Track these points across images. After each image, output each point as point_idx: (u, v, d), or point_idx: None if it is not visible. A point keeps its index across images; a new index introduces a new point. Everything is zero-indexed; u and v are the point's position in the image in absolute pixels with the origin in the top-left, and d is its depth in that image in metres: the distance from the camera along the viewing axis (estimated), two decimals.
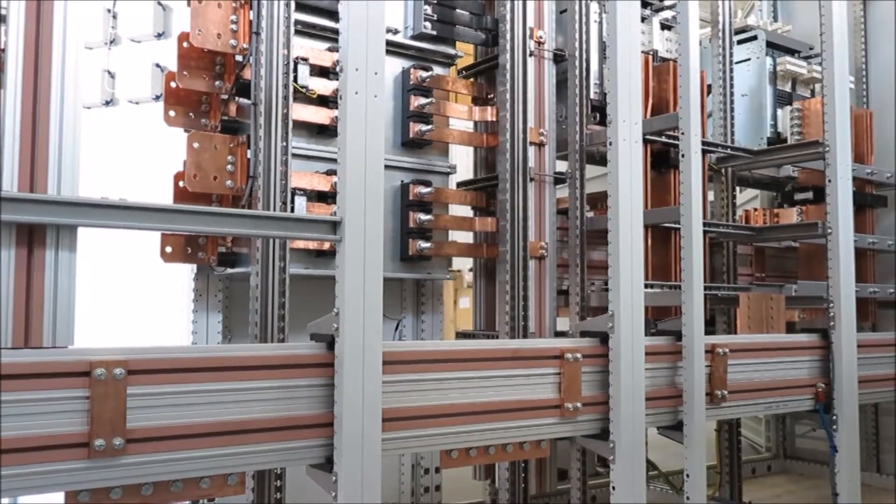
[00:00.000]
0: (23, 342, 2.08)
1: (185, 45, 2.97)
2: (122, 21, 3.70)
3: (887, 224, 4.77)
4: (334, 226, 2.36)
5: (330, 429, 2.34)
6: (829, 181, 3.83)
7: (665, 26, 4.25)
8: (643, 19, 4.06)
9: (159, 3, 3.61)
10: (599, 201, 4.05)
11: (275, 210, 2.89)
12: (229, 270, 3.12)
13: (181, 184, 2.96)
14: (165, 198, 3.01)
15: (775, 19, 5.62)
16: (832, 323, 3.77)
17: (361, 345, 2.31)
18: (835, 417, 3.74)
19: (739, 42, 4.75)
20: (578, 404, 2.94)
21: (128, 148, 3.62)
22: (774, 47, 4.80)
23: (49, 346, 2.11)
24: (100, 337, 3.20)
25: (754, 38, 4.75)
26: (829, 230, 3.80)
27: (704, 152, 3.67)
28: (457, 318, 7.61)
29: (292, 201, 3.02)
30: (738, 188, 4.73)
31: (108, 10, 3.69)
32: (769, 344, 3.67)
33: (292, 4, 2.97)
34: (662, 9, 4.24)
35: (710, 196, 4.46)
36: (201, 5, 2.92)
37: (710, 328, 4.33)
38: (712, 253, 4.30)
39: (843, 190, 3.81)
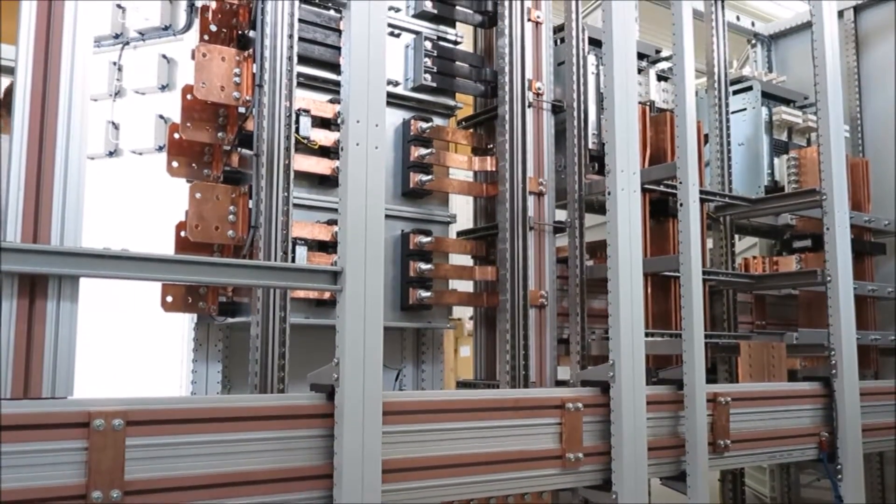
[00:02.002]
0: (22, 393, 2.07)
1: (188, 97, 3.02)
2: (128, 73, 3.77)
3: (886, 271, 4.79)
4: (335, 276, 2.37)
5: (330, 480, 2.32)
6: (828, 229, 3.85)
7: (661, 77, 4.31)
8: (640, 71, 4.12)
9: (164, 57, 3.67)
10: (599, 250, 4.06)
11: (276, 260, 2.90)
12: (230, 320, 3.12)
13: (183, 233, 2.98)
14: (167, 247, 3.03)
15: (770, 70, 5.70)
16: (834, 371, 3.76)
17: (361, 395, 2.30)
18: (839, 467, 3.70)
19: (735, 92, 4.82)
20: (580, 454, 2.91)
21: (130, 198, 3.65)
22: (770, 97, 4.87)
23: (48, 397, 2.10)
24: (99, 386, 3.19)
25: (750, 88, 4.82)
26: (829, 278, 3.81)
27: (703, 201, 3.70)
28: (457, 367, 7.57)
29: (293, 251, 3.03)
30: (736, 236, 4.76)
31: (114, 63, 3.76)
32: (771, 392, 3.65)
33: (295, 58, 3.02)
34: (658, 60, 4.31)
35: (710, 244, 4.48)
36: (205, 59, 2.97)
37: (712, 376, 4.31)
38: (712, 301, 4.30)
39: (841, 238, 3.83)
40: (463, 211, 4.20)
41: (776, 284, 4.47)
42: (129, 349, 3.57)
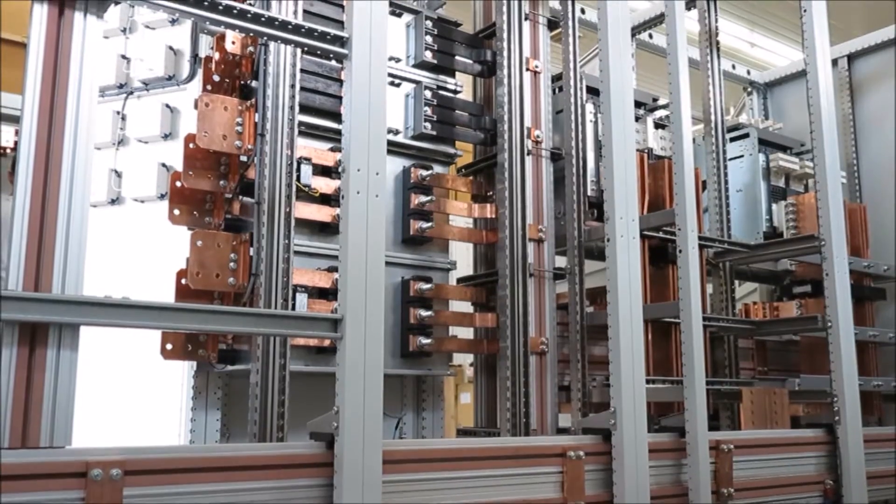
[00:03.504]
0: (20, 441, 2.06)
1: (191, 146, 3.05)
2: (131, 122, 3.81)
3: (887, 316, 4.78)
4: (335, 323, 2.37)
5: None
6: (827, 274, 3.86)
7: (659, 125, 4.36)
8: (637, 119, 4.17)
9: (167, 106, 3.72)
10: (599, 296, 4.06)
11: (276, 307, 2.90)
12: (229, 367, 3.11)
13: (183, 281, 2.99)
14: (168, 295, 3.03)
15: (766, 117, 5.77)
16: (837, 417, 3.73)
17: (361, 444, 2.28)
18: None
19: (732, 139, 4.86)
20: (582, 503, 2.88)
21: (132, 245, 3.66)
22: (766, 144, 4.92)
23: (46, 446, 2.09)
24: (98, 434, 3.17)
25: (746, 135, 4.87)
26: (829, 323, 3.81)
27: (702, 247, 3.71)
28: (458, 414, 7.52)
29: (293, 298, 3.04)
30: (736, 282, 4.76)
31: (118, 112, 3.81)
32: (775, 440, 3.62)
33: (296, 107, 3.05)
34: (656, 108, 4.36)
35: (710, 289, 4.48)
36: (208, 108, 3.01)
37: (714, 423, 4.27)
38: (713, 347, 4.29)
39: (840, 283, 3.84)
40: (463, 257, 4.21)
41: (777, 330, 4.46)
42: (127, 396, 3.55)
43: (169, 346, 2.99)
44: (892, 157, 5.02)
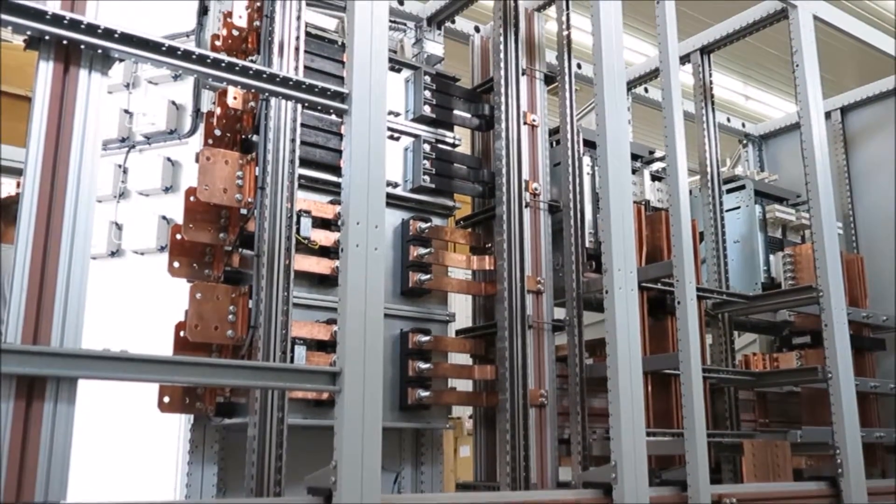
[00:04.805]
0: (14, 496, 2.03)
1: (192, 199, 3.07)
2: (132, 175, 3.84)
3: (887, 367, 4.76)
4: (334, 377, 2.36)
5: None
6: (826, 325, 3.86)
7: (656, 177, 4.40)
8: (634, 171, 4.22)
9: (168, 160, 3.75)
10: (598, 348, 4.05)
11: (275, 360, 2.89)
12: (226, 421, 3.09)
13: (182, 333, 2.98)
14: (166, 347, 3.02)
15: (762, 169, 5.83)
16: (840, 470, 3.69)
17: (360, 499, 2.26)
18: None
19: (728, 191, 4.91)
20: None
21: (131, 298, 3.66)
22: (763, 195, 4.96)
23: (41, 502, 2.06)
24: (93, 488, 3.13)
25: (742, 187, 4.92)
26: (830, 375, 3.79)
27: (700, 298, 3.72)
28: (457, 468, 7.43)
29: (292, 350, 3.03)
30: (736, 332, 4.76)
31: (119, 166, 3.84)
32: (777, 493, 3.58)
33: (297, 161, 3.08)
34: (652, 161, 4.41)
35: (709, 340, 4.47)
36: (209, 162, 3.04)
37: (716, 476, 4.23)
38: (714, 399, 4.27)
39: (839, 334, 3.83)
40: (462, 309, 4.22)
41: (777, 381, 4.45)
42: (124, 449, 3.51)
43: (166, 399, 2.97)
44: (887, 208, 5.06)
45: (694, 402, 3.24)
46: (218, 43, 3.28)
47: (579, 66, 4.70)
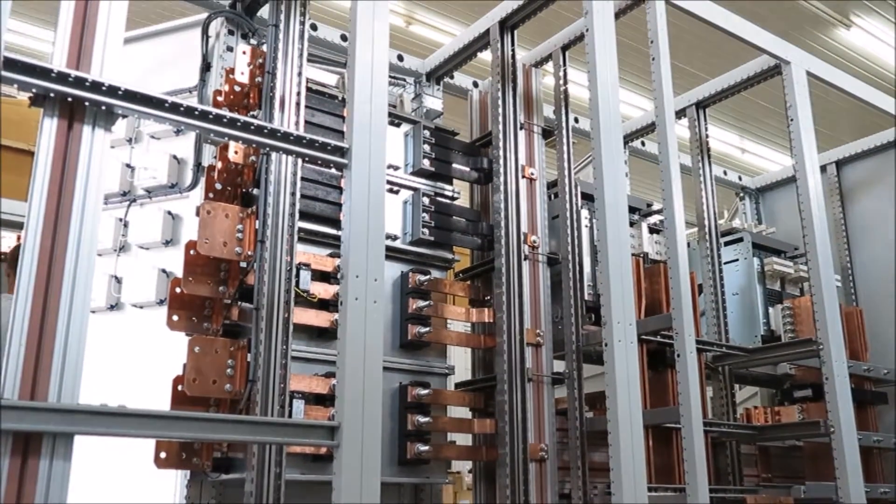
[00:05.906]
0: None
1: (192, 252, 3.08)
2: (133, 229, 3.85)
3: (889, 421, 4.73)
4: (332, 431, 2.35)
5: None
6: (827, 378, 3.84)
7: (653, 230, 4.43)
8: (632, 224, 4.24)
9: (169, 213, 3.77)
10: (598, 401, 4.03)
11: (273, 414, 2.87)
12: (223, 476, 3.05)
13: (180, 387, 2.96)
14: (164, 401, 3.00)
15: (759, 221, 5.86)
16: None
17: None
18: None
19: (726, 243, 4.93)
20: None
21: (130, 351, 3.65)
22: (760, 248, 4.99)
23: None
24: None
25: (740, 239, 4.95)
26: (832, 429, 3.77)
27: (700, 351, 3.71)
28: None
29: (290, 405, 3.01)
30: (737, 385, 4.73)
31: (120, 220, 3.85)
32: None
33: (297, 214, 3.10)
34: (650, 214, 4.44)
35: (710, 392, 4.45)
36: (210, 216, 3.05)
37: None
38: (716, 453, 4.22)
39: (841, 387, 3.82)
40: (461, 362, 4.20)
41: (779, 435, 4.41)
42: None
43: (163, 455, 2.94)
44: (886, 261, 5.07)
45: (696, 456, 3.21)
46: (220, 98, 3.32)
47: (576, 120, 4.76)
